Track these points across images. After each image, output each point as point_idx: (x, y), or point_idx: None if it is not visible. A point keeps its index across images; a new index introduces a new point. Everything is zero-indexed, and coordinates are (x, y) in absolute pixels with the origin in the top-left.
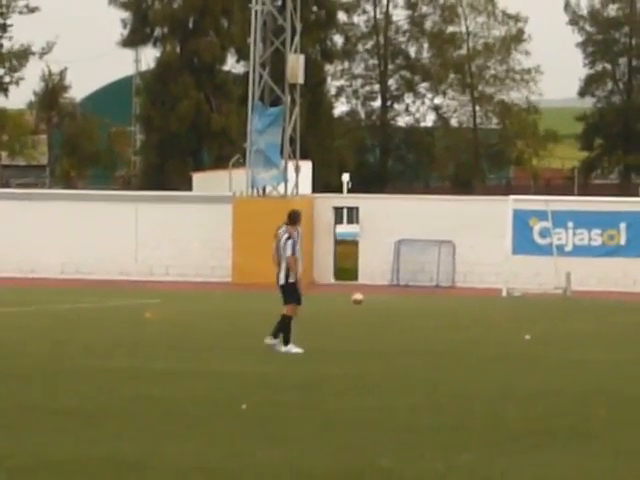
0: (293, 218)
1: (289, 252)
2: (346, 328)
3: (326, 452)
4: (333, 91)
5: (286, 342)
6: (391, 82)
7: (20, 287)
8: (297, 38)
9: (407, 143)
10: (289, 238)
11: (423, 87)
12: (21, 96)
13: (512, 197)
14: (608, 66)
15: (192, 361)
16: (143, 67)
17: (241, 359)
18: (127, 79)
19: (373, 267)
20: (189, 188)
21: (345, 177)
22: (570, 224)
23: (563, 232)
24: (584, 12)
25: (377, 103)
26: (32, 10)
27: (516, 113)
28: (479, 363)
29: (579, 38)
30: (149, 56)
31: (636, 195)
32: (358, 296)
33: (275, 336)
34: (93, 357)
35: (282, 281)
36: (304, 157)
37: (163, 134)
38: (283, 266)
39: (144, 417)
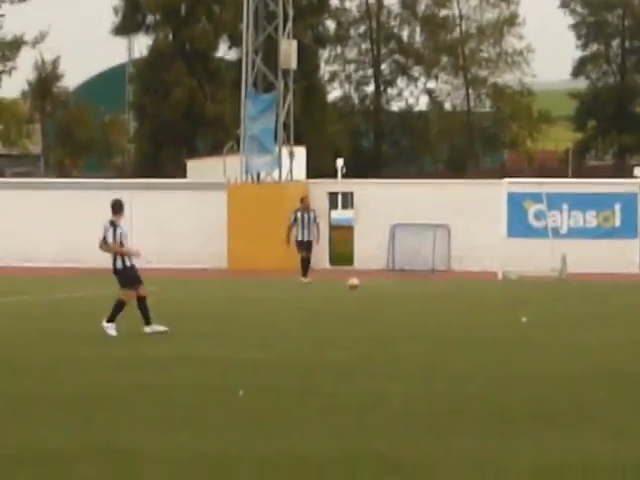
0: (115, 208)
1: (110, 239)
2: (343, 313)
3: (324, 437)
4: (326, 76)
5: (110, 320)
6: (384, 66)
7: (15, 276)
8: (289, 24)
9: (401, 127)
10: (112, 225)
11: (416, 71)
12: (14, 85)
13: (506, 180)
14: (601, 47)
15: (188, 348)
16: (136, 55)
17: (238, 346)
18: (120, 67)
19: (368, 252)
20: (183, 175)
21: (339, 162)
22: (565, 206)
23: (558, 214)
24: None
25: (370, 88)
26: None
27: (509, 95)
28: (476, 347)
29: (571, 20)
30: (142, 44)
31: (631, 176)
32: (354, 281)
33: (147, 322)
34: (88, 346)
35: (117, 266)
36: (298, 143)
37: (157, 122)
38: (112, 253)
39: (140, 405)
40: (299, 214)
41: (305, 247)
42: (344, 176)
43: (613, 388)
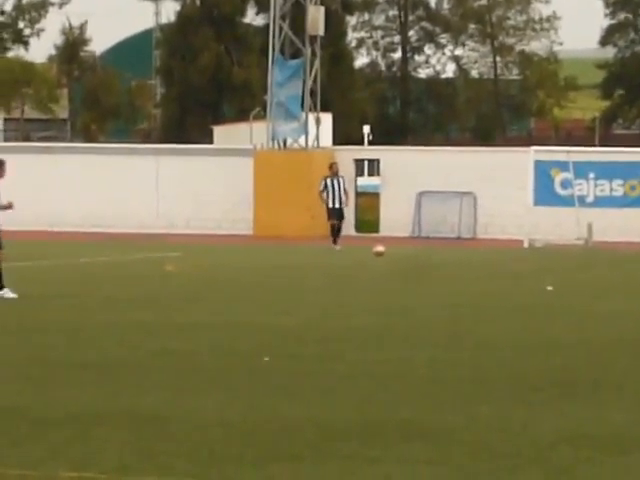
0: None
1: None
2: (368, 281)
3: (347, 405)
4: (353, 43)
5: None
6: (411, 33)
7: (40, 241)
8: None
9: (428, 95)
10: None
11: (443, 38)
12: (41, 50)
13: (533, 148)
14: (629, 16)
15: (213, 314)
16: (163, 20)
17: (262, 312)
18: (147, 32)
19: (394, 219)
20: (210, 141)
21: (366, 129)
22: (591, 175)
23: (584, 183)
24: None
25: (397, 55)
26: None
27: (536, 63)
28: (500, 314)
29: None
30: (169, 9)
31: None
32: (380, 248)
33: None
34: (113, 311)
35: None
36: (325, 109)
37: (183, 87)
38: None
39: (164, 370)
40: (329, 181)
41: (336, 214)
42: (370, 143)
43: (636, 357)
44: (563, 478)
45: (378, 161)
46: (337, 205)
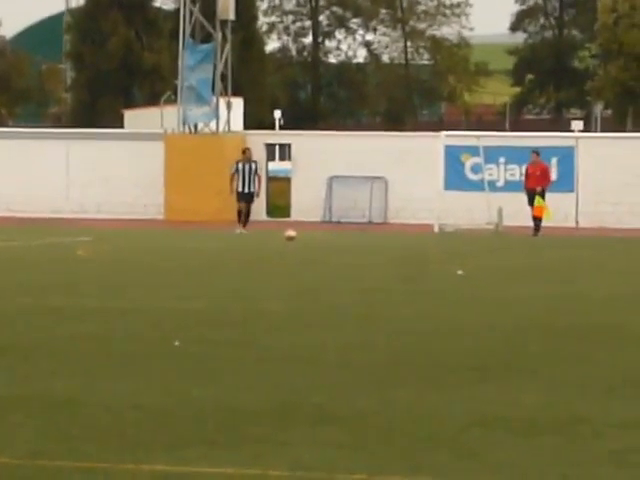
0: None
1: None
2: (280, 265)
3: (260, 389)
4: (264, 28)
5: None
6: (322, 18)
7: None
8: None
9: (339, 80)
10: None
11: (354, 23)
12: None
13: (444, 133)
14: (539, 1)
15: (125, 299)
16: (73, 4)
17: (174, 296)
18: (58, 16)
19: (306, 204)
20: (120, 125)
21: (277, 114)
22: (502, 160)
23: (495, 168)
24: None
25: (308, 39)
26: None
27: (447, 48)
28: (412, 299)
29: None
30: None
31: (568, 130)
32: (291, 233)
33: None
34: (26, 295)
35: None
36: (236, 94)
37: (94, 71)
38: None
39: (78, 355)
40: (240, 165)
41: (245, 198)
42: (282, 128)
43: (546, 341)
44: (475, 460)
45: (289, 146)
46: (247, 189)
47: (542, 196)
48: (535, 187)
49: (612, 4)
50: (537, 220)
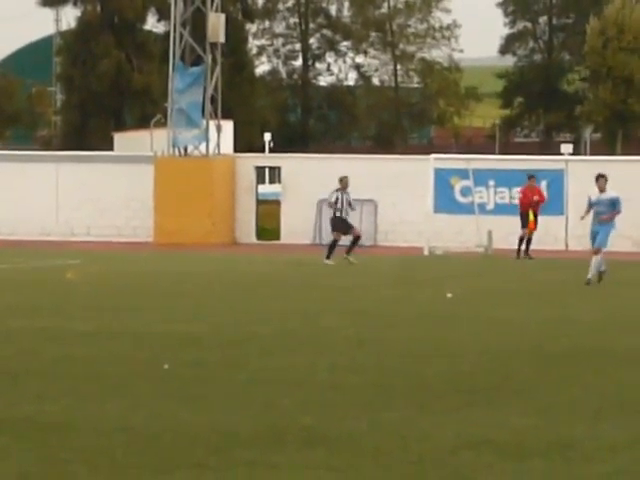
0: None
1: None
2: (269, 288)
3: (249, 412)
4: (254, 50)
5: None
6: (312, 41)
7: None
8: None
9: (329, 102)
10: None
11: (344, 46)
12: None
13: (433, 156)
14: (529, 25)
15: (114, 321)
16: (64, 27)
17: (163, 319)
18: (48, 39)
19: (295, 227)
20: (110, 148)
21: (267, 137)
22: (491, 182)
23: (484, 190)
24: None
25: (298, 62)
26: None
27: (437, 71)
28: (401, 321)
29: None
30: (70, 15)
31: (557, 153)
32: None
33: None
34: (15, 318)
35: None
36: (226, 117)
37: (84, 94)
38: None
39: (66, 378)
40: (339, 194)
41: (344, 229)
42: (271, 150)
43: (535, 364)
44: None
45: (279, 169)
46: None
47: (535, 215)
48: (532, 211)
49: (601, 27)
50: (530, 236)
